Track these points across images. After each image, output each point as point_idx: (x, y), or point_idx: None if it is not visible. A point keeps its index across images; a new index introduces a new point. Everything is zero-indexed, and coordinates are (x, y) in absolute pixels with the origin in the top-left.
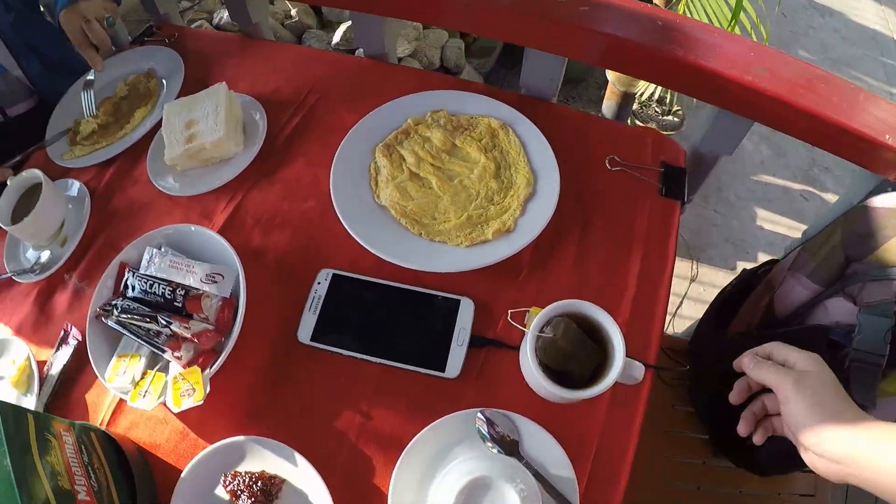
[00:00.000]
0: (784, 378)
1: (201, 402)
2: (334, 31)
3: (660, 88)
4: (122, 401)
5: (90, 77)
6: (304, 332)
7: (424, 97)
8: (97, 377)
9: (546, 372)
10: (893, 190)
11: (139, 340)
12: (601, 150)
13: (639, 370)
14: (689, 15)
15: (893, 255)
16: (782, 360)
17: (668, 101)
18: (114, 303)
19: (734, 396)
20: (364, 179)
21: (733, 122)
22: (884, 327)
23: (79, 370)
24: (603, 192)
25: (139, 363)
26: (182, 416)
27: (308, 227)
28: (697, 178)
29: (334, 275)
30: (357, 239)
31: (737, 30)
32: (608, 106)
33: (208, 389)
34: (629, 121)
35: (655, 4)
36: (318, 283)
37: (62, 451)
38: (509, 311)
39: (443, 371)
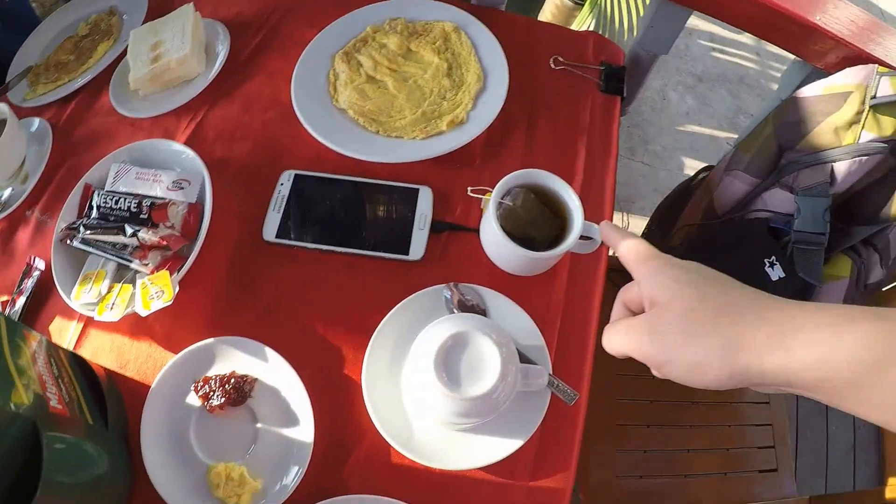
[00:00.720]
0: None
1: (170, 302)
2: None
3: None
4: (86, 326)
5: None
6: (269, 230)
7: (383, 7)
8: (62, 305)
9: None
10: (819, 78)
11: (105, 255)
12: (546, 51)
13: (596, 232)
14: None
15: (823, 139)
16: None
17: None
18: (79, 222)
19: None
20: (323, 87)
21: (672, 12)
22: (822, 207)
23: (42, 301)
24: (548, 88)
25: (105, 279)
26: (148, 330)
27: (269, 135)
28: (636, 80)
29: (296, 175)
30: (317, 137)
31: None
32: None
33: (177, 289)
34: None
35: None
36: (282, 184)
37: (33, 359)
38: (469, 188)
39: (406, 254)
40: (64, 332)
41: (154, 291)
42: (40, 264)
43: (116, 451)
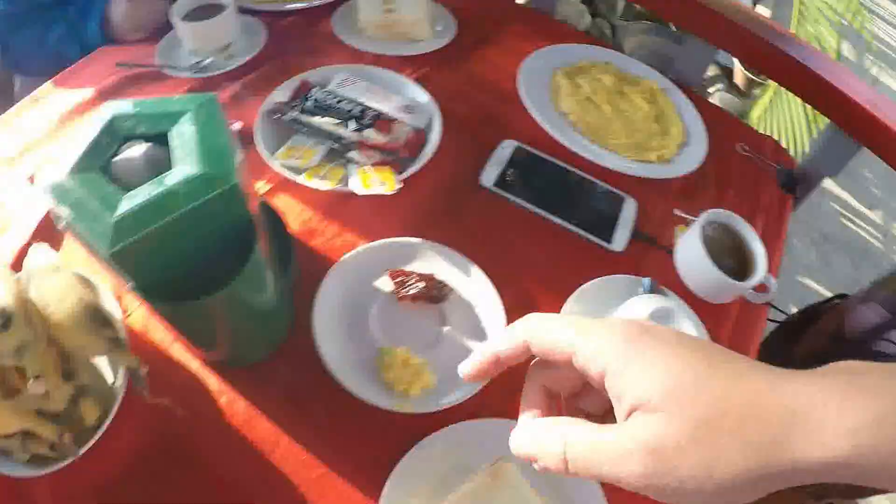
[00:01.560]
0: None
1: (394, 191)
2: None
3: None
4: (275, 189)
5: None
6: (488, 178)
7: (597, 49)
8: (254, 162)
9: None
10: None
11: (319, 139)
12: (731, 137)
13: (774, 286)
14: None
15: None
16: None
17: None
18: (293, 104)
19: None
20: (546, 91)
21: (845, 144)
22: None
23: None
24: (735, 166)
25: (315, 156)
26: (344, 213)
27: (491, 109)
28: (799, 196)
29: (517, 146)
30: (539, 121)
31: None
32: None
33: (400, 185)
34: None
35: None
36: (503, 148)
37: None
38: (674, 209)
39: (609, 242)
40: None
41: (375, 179)
42: (236, 125)
43: (286, 298)
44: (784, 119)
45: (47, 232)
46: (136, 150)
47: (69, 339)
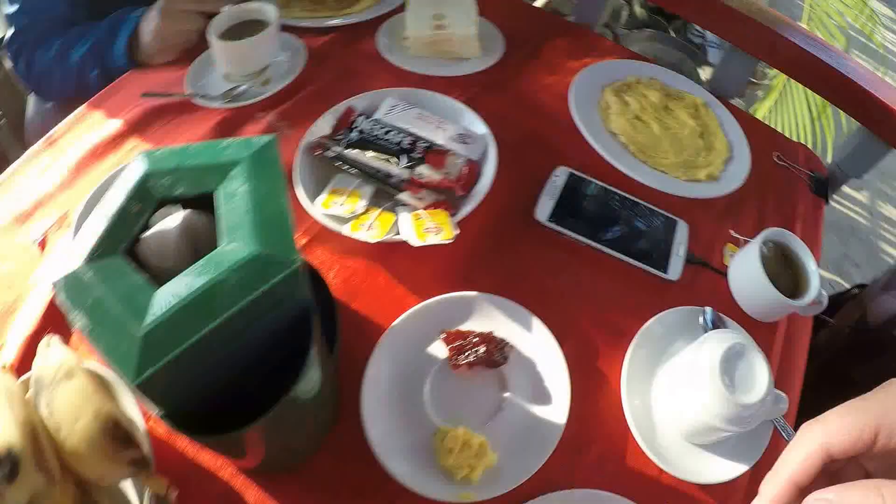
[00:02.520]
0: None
1: (451, 240)
2: None
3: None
4: (312, 240)
5: None
6: (542, 212)
7: (642, 65)
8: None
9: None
10: None
11: (365, 178)
12: (767, 147)
13: (824, 297)
14: None
15: None
16: None
17: None
18: (337, 138)
19: None
20: (595, 110)
21: (873, 146)
22: None
23: None
24: (773, 176)
25: (359, 202)
26: (389, 265)
27: (543, 131)
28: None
29: (572, 173)
30: (592, 143)
31: None
32: None
33: (457, 231)
34: None
35: None
36: (556, 176)
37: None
38: (731, 230)
39: (665, 272)
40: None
41: (430, 226)
42: None
43: (332, 384)
44: (789, 118)
45: (59, 316)
46: (171, 221)
47: (87, 468)
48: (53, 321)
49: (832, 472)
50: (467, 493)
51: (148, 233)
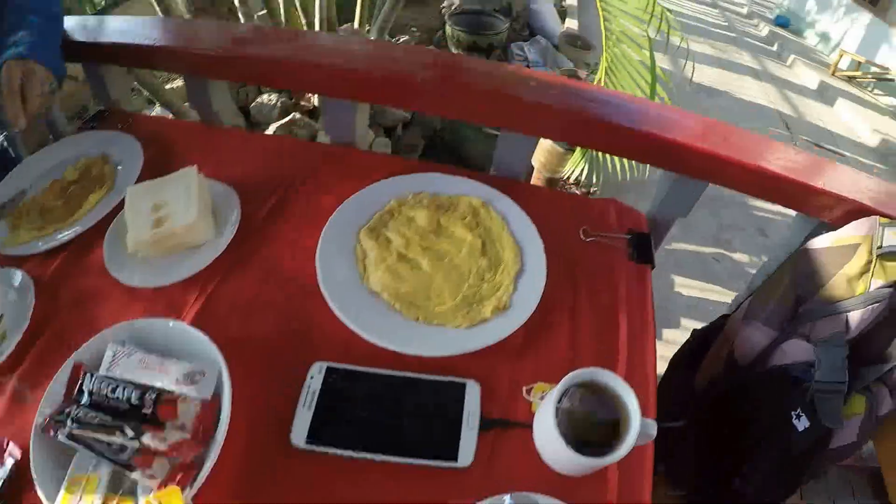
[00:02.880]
0: None
1: None
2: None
3: (583, 171)
4: None
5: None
6: (299, 433)
7: (405, 180)
8: None
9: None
10: (826, 231)
11: (99, 457)
12: (572, 222)
13: (652, 427)
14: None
15: (838, 290)
16: None
17: (584, 182)
18: (66, 411)
19: None
20: (351, 263)
21: (691, 186)
22: (840, 356)
23: (18, 497)
24: (583, 262)
25: (98, 487)
26: None
27: (293, 313)
28: (656, 241)
29: (329, 367)
30: (351, 327)
31: None
32: None
33: None
34: None
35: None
36: (312, 378)
37: None
38: (524, 388)
39: (455, 460)
40: None
41: None
42: (15, 451)
43: None
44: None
45: None
46: None
47: None
48: None
49: None
50: None
51: None
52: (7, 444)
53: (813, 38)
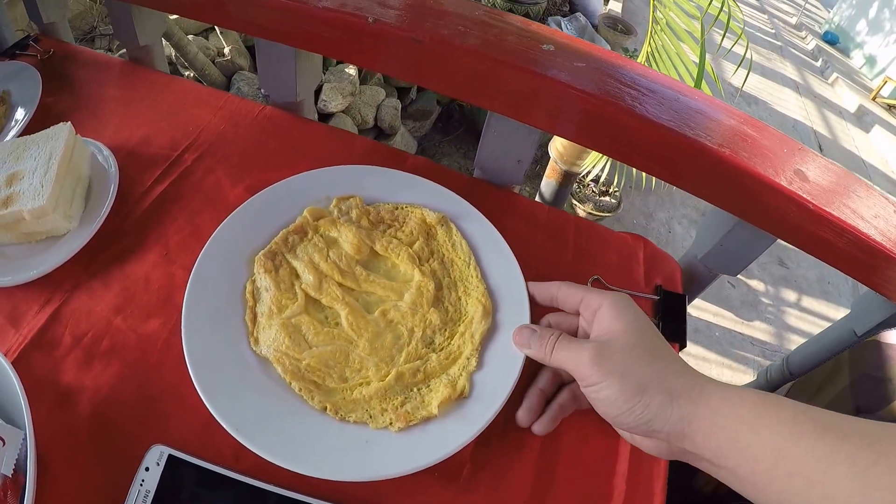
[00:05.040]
0: (581, 350)
1: None
2: None
3: (603, 169)
4: None
5: None
6: None
7: (335, 173)
8: None
9: None
10: None
11: None
12: (581, 264)
13: None
14: None
15: None
16: (576, 307)
17: (605, 181)
18: None
19: (523, 414)
20: (236, 309)
21: (757, 238)
22: None
23: None
24: None
25: None
26: None
27: (145, 363)
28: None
29: (171, 457)
30: (218, 418)
31: None
32: (547, 184)
33: None
34: (568, 201)
35: None
36: (146, 469)
37: None
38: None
39: None
40: None
41: None
42: None
43: None
44: None
45: None
46: None
47: None
48: None
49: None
50: None
51: None
52: None
53: (859, 60)
